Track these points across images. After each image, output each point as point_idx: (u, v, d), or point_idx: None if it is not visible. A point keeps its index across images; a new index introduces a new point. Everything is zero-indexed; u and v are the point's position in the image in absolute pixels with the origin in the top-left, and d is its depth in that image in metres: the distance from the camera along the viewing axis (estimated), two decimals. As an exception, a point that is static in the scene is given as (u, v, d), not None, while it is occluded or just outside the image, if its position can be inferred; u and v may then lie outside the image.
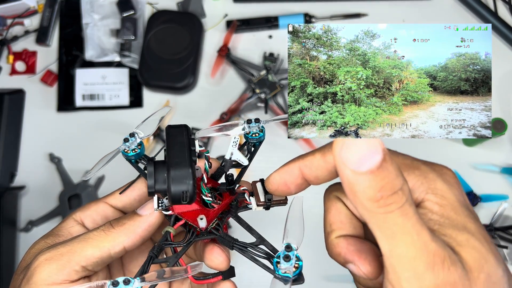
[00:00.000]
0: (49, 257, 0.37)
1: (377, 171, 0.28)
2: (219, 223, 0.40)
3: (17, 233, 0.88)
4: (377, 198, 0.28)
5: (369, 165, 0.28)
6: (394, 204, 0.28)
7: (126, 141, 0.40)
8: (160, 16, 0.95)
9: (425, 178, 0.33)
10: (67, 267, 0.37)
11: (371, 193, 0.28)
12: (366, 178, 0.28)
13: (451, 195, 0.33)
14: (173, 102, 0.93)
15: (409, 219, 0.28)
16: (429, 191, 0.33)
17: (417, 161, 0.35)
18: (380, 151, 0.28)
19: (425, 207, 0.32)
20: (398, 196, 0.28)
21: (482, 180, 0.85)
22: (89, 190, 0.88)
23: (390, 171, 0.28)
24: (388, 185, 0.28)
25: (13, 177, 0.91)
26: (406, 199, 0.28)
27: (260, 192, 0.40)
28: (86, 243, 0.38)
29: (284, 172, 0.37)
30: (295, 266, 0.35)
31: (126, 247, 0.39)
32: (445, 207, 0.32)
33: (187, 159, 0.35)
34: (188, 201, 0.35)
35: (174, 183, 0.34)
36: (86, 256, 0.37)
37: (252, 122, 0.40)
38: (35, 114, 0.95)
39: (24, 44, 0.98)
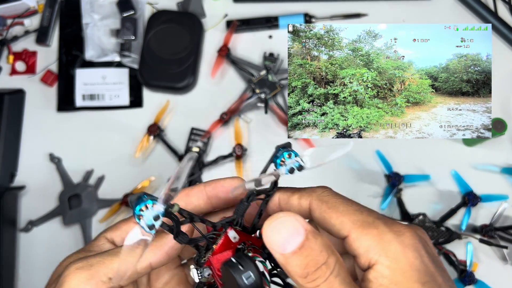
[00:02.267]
0: (79, 266, 0.38)
1: (300, 251, 0.31)
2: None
3: (17, 233, 0.88)
4: (304, 274, 0.31)
5: (292, 246, 0.31)
6: (319, 279, 0.31)
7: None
8: (160, 16, 0.95)
9: (381, 239, 0.34)
10: (96, 277, 0.38)
11: (299, 271, 0.32)
12: (293, 258, 0.32)
13: (403, 259, 0.33)
14: (173, 102, 0.93)
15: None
16: (383, 253, 0.33)
17: (380, 220, 0.35)
18: (301, 232, 0.32)
19: (377, 270, 0.33)
20: (322, 270, 0.31)
21: (482, 180, 0.85)
22: (89, 190, 0.88)
23: (313, 248, 0.32)
24: (312, 262, 0.31)
25: (13, 177, 0.91)
26: (330, 272, 0.31)
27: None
28: (115, 256, 0.39)
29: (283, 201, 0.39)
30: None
31: (152, 263, 0.39)
32: (395, 271, 0.33)
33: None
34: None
35: None
36: (113, 269, 0.38)
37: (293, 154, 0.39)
38: (35, 114, 0.95)
39: (24, 44, 0.98)
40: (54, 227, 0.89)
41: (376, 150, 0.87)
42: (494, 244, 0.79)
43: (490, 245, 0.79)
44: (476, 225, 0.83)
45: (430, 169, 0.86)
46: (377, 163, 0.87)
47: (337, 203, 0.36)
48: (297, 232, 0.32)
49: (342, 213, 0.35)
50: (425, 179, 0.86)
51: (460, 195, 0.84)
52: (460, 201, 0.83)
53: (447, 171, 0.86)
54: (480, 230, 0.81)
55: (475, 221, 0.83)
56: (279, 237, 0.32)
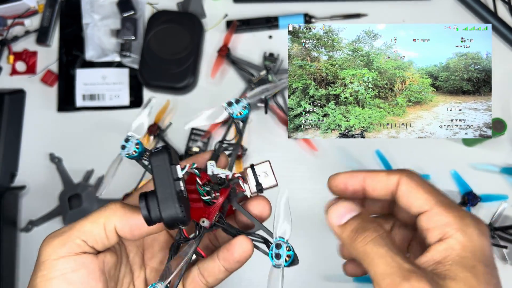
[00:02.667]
0: (52, 235, 0.41)
1: (353, 219, 0.38)
2: (221, 215, 0.43)
3: (17, 233, 0.88)
4: (355, 236, 0.37)
5: (348, 217, 0.39)
6: (367, 237, 0.36)
7: (123, 148, 0.45)
8: (160, 16, 0.95)
9: (461, 220, 0.37)
10: (68, 241, 0.40)
11: (351, 234, 0.38)
12: (347, 225, 0.38)
13: (478, 241, 0.36)
14: (173, 102, 0.93)
15: (382, 247, 0.36)
16: (460, 231, 0.36)
17: (461, 207, 0.39)
18: (357, 210, 0.39)
19: (448, 243, 0.36)
20: (369, 232, 0.37)
21: (481, 180, 0.85)
22: (89, 190, 0.88)
23: (363, 219, 0.38)
24: (361, 227, 0.37)
25: (14, 177, 0.91)
26: (377, 234, 0.36)
27: (251, 177, 0.43)
28: (86, 220, 0.41)
29: (349, 175, 0.43)
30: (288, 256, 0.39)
31: (118, 230, 0.41)
32: (466, 248, 0.36)
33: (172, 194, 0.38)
34: (183, 226, 0.39)
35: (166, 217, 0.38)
36: (85, 232, 0.40)
37: (233, 104, 0.45)
38: (36, 114, 0.95)
39: (25, 44, 0.98)
40: (55, 227, 0.88)
41: (376, 150, 0.87)
42: (493, 244, 0.79)
43: (490, 245, 0.79)
44: (476, 225, 0.83)
45: (430, 169, 0.86)
46: (377, 163, 0.87)
47: (425, 184, 0.40)
48: (353, 209, 0.39)
49: (428, 192, 0.39)
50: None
51: (460, 195, 0.84)
52: (459, 201, 0.83)
53: (447, 171, 0.86)
54: (480, 230, 0.81)
55: (475, 221, 0.83)
56: (337, 212, 0.39)
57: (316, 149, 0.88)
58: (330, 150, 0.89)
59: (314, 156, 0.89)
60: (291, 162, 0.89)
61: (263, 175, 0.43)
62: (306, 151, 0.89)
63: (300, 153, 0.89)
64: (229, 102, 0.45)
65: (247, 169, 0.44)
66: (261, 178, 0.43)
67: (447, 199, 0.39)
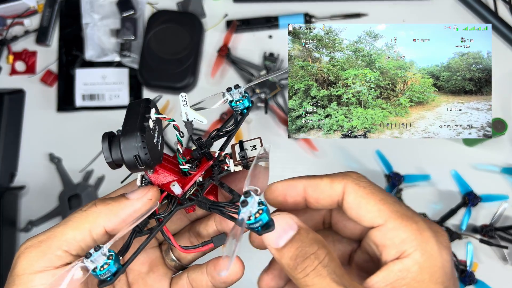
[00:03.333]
0: (29, 245, 0.36)
1: (291, 243, 0.33)
2: (198, 189, 0.40)
3: (17, 233, 0.88)
4: (295, 265, 0.33)
5: (285, 240, 0.34)
6: (308, 267, 0.33)
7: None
8: (160, 16, 0.95)
9: (420, 235, 0.34)
10: (48, 253, 0.35)
11: (290, 262, 0.33)
12: (285, 251, 0.34)
13: (439, 259, 0.33)
14: (173, 102, 0.93)
15: (323, 278, 0.32)
16: (419, 249, 0.33)
17: (417, 216, 0.36)
18: (294, 227, 0.34)
19: (405, 264, 0.33)
20: (310, 260, 0.33)
21: (482, 180, 0.85)
22: (89, 190, 0.88)
23: (303, 241, 0.33)
24: (301, 253, 0.33)
25: (13, 177, 0.91)
26: (319, 262, 0.33)
27: (237, 152, 0.40)
28: (66, 226, 0.36)
29: (288, 185, 0.38)
30: (259, 212, 0.32)
31: (107, 229, 0.37)
32: (424, 270, 0.33)
33: (136, 125, 0.35)
34: (144, 166, 0.35)
35: (125, 151, 0.35)
36: (67, 240, 0.35)
37: (232, 89, 0.42)
38: (35, 114, 0.95)
39: (24, 44, 0.98)
40: (54, 227, 0.88)
41: (376, 150, 0.87)
42: (494, 244, 0.79)
43: (490, 245, 0.79)
44: (476, 225, 0.83)
45: (430, 169, 0.86)
46: (377, 163, 0.87)
47: (376, 191, 0.36)
48: (290, 227, 0.34)
49: (381, 201, 0.35)
50: (425, 179, 0.85)
51: (460, 195, 0.84)
52: (460, 201, 0.83)
53: (447, 171, 0.86)
54: (480, 230, 0.81)
55: (475, 221, 0.83)
56: (274, 233, 0.32)
57: (316, 149, 0.88)
58: (331, 150, 0.88)
59: (315, 156, 0.89)
60: (291, 162, 0.88)
61: (251, 149, 0.40)
62: (306, 151, 0.89)
63: (300, 153, 0.89)
64: (228, 88, 0.42)
65: (234, 145, 0.41)
66: (248, 151, 0.40)
67: (402, 207, 0.35)
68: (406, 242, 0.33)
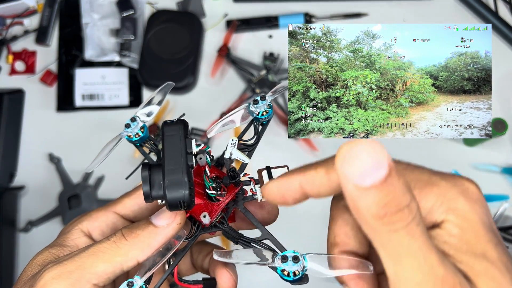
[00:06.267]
0: (56, 275, 0.34)
1: (381, 186, 0.26)
2: (224, 216, 0.39)
3: (16, 233, 0.88)
4: (381, 215, 0.26)
5: (373, 179, 0.25)
6: (399, 223, 0.26)
7: (128, 126, 0.39)
8: (160, 16, 0.95)
9: (445, 197, 0.30)
10: (77, 286, 0.34)
11: (374, 209, 0.26)
12: (370, 193, 0.26)
13: (474, 216, 0.30)
14: (173, 102, 0.93)
15: (415, 240, 0.27)
16: (450, 211, 0.30)
17: (436, 176, 0.32)
18: (385, 165, 0.26)
19: (444, 229, 0.30)
20: (404, 214, 0.26)
21: (482, 180, 0.84)
22: (88, 190, 0.88)
23: (396, 186, 0.26)
24: (394, 201, 0.26)
25: (13, 177, 0.91)
26: (412, 218, 0.26)
27: (266, 181, 0.38)
28: (97, 258, 0.35)
29: (282, 184, 0.34)
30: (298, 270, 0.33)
31: (140, 261, 0.36)
32: (466, 230, 0.29)
33: (182, 166, 0.33)
34: (186, 207, 0.34)
35: (170, 192, 0.33)
36: (97, 273, 0.34)
37: (259, 101, 0.39)
38: (35, 114, 0.95)
39: (24, 44, 0.98)
40: (54, 227, 0.88)
41: (376, 150, 0.87)
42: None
43: (490, 245, 0.79)
44: (477, 225, 0.82)
45: (430, 169, 0.86)
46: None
47: None
48: (380, 163, 0.26)
49: None
50: (426, 179, 0.85)
51: (461, 195, 0.84)
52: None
53: (448, 171, 0.86)
54: (481, 230, 0.80)
55: (476, 221, 0.83)
56: (358, 165, 0.26)
57: (316, 149, 0.88)
58: (331, 150, 0.88)
59: (315, 155, 0.88)
60: (291, 162, 0.88)
61: None
62: (306, 151, 0.89)
63: (300, 153, 0.89)
64: (255, 100, 0.39)
65: (262, 171, 0.39)
66: None
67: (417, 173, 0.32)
68: (433, 210, 0.30)
